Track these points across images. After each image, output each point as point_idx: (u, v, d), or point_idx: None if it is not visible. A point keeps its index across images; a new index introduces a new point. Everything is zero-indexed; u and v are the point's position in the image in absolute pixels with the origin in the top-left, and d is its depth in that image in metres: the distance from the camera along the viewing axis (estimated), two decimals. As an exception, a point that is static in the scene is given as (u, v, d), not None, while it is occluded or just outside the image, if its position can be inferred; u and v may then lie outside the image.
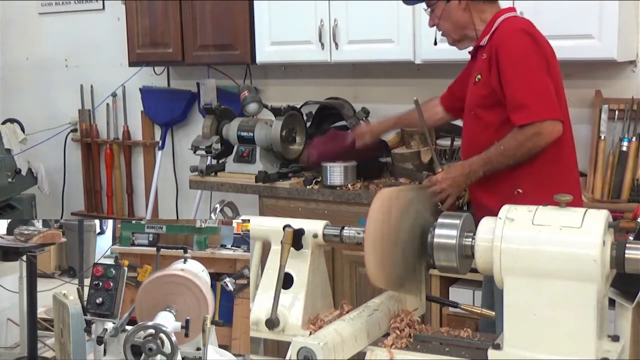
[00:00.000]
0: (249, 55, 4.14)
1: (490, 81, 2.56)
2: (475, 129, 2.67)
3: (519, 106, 2.49)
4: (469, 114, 2.71)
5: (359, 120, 3.88)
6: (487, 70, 2.57)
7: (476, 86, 2.63)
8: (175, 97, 4.87)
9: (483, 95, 2.60)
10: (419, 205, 1.85)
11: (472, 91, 2.67)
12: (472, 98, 2.67)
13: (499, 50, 2.53)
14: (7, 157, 4.66)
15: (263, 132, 3.84)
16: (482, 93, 2.60)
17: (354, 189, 3.57)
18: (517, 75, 2.51)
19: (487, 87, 2.58)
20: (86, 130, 5.31)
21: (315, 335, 1.63)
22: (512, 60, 2.53)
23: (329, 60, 3.83)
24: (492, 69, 2.55)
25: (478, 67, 2.64)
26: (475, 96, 2.65)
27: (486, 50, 2.60)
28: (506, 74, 2.51)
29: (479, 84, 2.62)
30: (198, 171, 3.98)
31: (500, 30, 2.60)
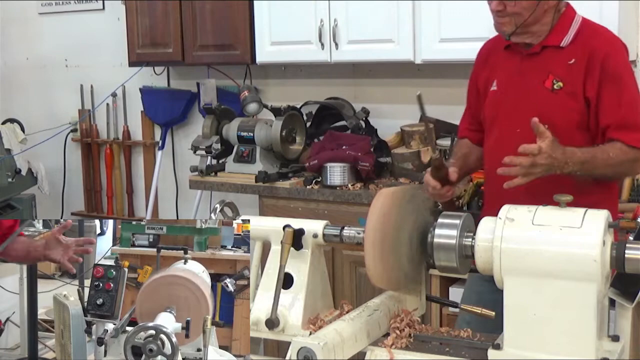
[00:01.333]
0: (249, 55, 4.14)
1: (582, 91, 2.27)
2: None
3: (634, 126, 2.24)
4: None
5: (358, 120, 3.88)
6: (577, 79, 2.27)
7: (556, 95, 2.29)
8: (175, 97, 4.87)
9: (570, 108, 2.28)
10: (419, 205, 1.85)
11: (545, 100, 2.30)
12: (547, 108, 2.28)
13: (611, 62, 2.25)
14: (7, 157, 4.66)
15: (263, 132, 3.84)
16: (570, 105, 2.28)
17: (354, 189, 3.57)
18: (633, 97, 2.28)
19: (577, 99, 2.27)
20: (86, 130, 5.31)
21: (315, 335, 1.63)
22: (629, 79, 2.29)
23: (329, 60, 3.83)
24: (588, 79, 2.26)
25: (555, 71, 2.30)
26: (555, 107, 2.29)
27: (571, 53, 2.30)
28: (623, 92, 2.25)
29: (560, 92, 2.29)
30: (198, 171, 3.98)
31: (596, 35, 2.32)
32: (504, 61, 2.44)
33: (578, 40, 2.31)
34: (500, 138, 2.39)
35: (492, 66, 2.48)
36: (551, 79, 2.30)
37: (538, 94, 2.31)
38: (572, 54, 2.30)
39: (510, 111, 2.36)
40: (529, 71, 2.35)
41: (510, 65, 2.40)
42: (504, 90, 2.41)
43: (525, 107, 2.31)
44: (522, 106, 2.33)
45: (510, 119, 2.35)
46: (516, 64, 2.39)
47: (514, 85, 2.38)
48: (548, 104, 2.29)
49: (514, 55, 2.40)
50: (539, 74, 2.32)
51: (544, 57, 2.34)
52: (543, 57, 2.34)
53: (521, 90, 2.35)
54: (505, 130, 2.37)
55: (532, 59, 2.35)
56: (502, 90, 2.41)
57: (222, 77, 4.58)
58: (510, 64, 2.40)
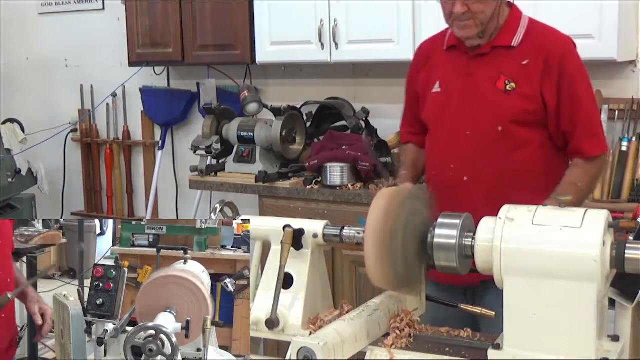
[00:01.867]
0: (249, 55, 4.14)
1: (539, 94, 2.22)
2: (501, 147, 2.25)
3: (592, 134, 2.23)
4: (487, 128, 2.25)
5: (358, 120, 3.88)
6: (532, 80, 2.22)
7: (509, 96, 2.23)
8: (175, 97, 4.87)
9: (524, 110, 2.22)
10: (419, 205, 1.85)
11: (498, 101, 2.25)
12: (501, 110, 2.24)
13: (567, 64, 2.22)
14: (7, 157, 4.66)
15: (263, 132, 3.84)
16: (523, 106, 2.22)
17: (354, 189, 3.57)
18: (590, 99, 2.26)
19: (533, 101, 2.22)
20: (86, 130, 5.31)
21: (315, 335, 1.63)
22: (585, 81, 2.26)
23: (329, 60, 3.83)
24: (546, 81, 2.21)
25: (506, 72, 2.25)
26: (509, 109, 2.23)
27: (523, 54, 2.25)
28: (580, 97, 2.22)
29: (513, 93, 2.23)
30: (198, 171, 3.98)
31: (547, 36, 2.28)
32: (447, 62, 2.36)
33: (529, 40, 2.26)
34: (448, 141, 2.33)
35: (432, 67, 2.41)
36: (503, 80, 2.24)
37: (489, 95, 2.25)
38: (524, 54, 2.24)
39: (458, 113, 2.30)
40: (478, 72, 2.28)
41: (455, 66, 2.33)
42: (449, 92, 2.33)
43: (475, 109, 2.26)
44: (471, 108, 2.27)
45: (459, 121, 2.29)
46: (462, 64, 2.31)
47: (461, 87, 2.30)
48: (501, 105, 2.23)
49: (458, 56, 2.33)
50: (489, 74, 2.26)
51: (493, 57, 2.27)
52: (493, 57, 2.27)
53: (470, 91, 2.28)
54: (454, 132, 2.31)
55: (481, 60, 2.28)
56: (447, 91, 2.34)
57: (222, 77, 4.58)
58: (455, 65, 2.33)
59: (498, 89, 2.24)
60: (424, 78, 2.41)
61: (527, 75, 2.22)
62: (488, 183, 2.21)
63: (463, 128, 2.28)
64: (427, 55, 2.45)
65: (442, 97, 2.34)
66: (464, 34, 2.26)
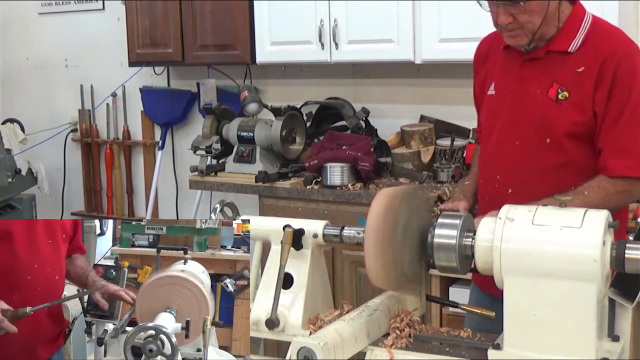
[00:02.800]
0: (249, 55, 4.14)
1: (591, 104, 2.04)
2: (549, 160, 2.09)
3: (622, 152, 2.03)
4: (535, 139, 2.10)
5: (358, 120, 3.88)
6: (585, 89, 2.04)
7: (560, 106, 2.07)
8: (175, 97, 4.87)
9: (575, 122, 2.05)
10: (419, 205, 1.85)
11: (548, 111, 2.08)
12: (551, 121, 2.08)
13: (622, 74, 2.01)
14: (7, 157, 4.66)
15: (263, 132, 3.84)
16: (574, 118, 2.05)
17: (354, 189, 3.57)
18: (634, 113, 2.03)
19: (584, 112, 2.04)
20: (86, 130, 5.31)
21: (315, 335, 1.63)
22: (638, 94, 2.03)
23: (329, 60, 3.83)
24: (598, 90, 2.03)
25: (560, 80, 2.08)
26: (560, 120, 2.06)
27: (580, 60, 2.06)
28: (628, 109, 2.02)
29: (565, 103, 2.06)
30: (198, 171, 3.98)
31: (609, 39, 2.08)
32: (502, 62, 2.23)
33: (588, 45, 2.07)
34: (497, 150, 2.20)
35: (490, 66, 2.28)
36: (556, 88, 2.07)
37: (540, 103, 2.09)
38: (580, 60, 2.06)
39: (508, 121, 2.17)
40: (530, 77, 2.13)
41: (510, 69, 2.18)
42: (502, 97, 2.20)
43: (524, 118, 2.13)
44: (520, 116, 2.14)
45: (508, 130, 2.16)
46: (516, 67, 2.16)
47: (513, 92, 2.16)
48: (550, 115, 2.08)
49: (513, 57, 2.17)
50: (541, 81, 2.10)
51: (548, 62, 2.10)
52: (547, 62, 2.10)
53: (520, 98, 2.14)
54: (503, 141, 2.18)
55: (534, 64, 2.13)
56: (500, 95, 2.20)
57: (222, 77, 4.58)
58: (509, 67, 2.18)
59: (550, 98, 2.07)
60: (482, 78, 2.29)
61: (581, 84, 2.04)
62: (533, 197, 1.97)
63: (512, 137, 2.14)
64: (486, 53, 2.30)
65: (496, 101, 2.21)
66: (513, 43, 2.12)
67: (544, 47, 2.11)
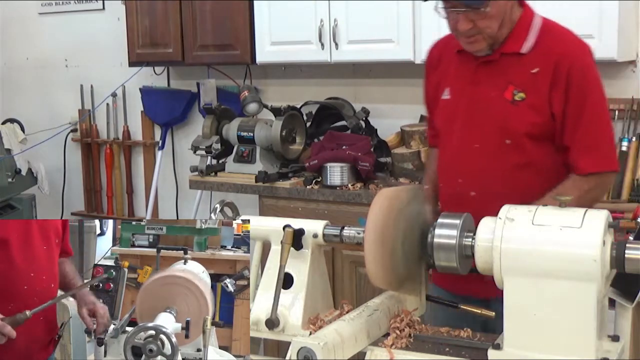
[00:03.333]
0: (249, 55, 4.14)
1: (548, 105, 2.05)
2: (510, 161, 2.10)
3: (592, 149, 2.06)
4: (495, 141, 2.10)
5: (358, 120, 3.88)
6: (541, 90, 2.05)
7: (517, 107, 2.07)
8: (175, 97, 4.87)
9: (533, 122, 2.06)
10: (419, 205, 1.85)
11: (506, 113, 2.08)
12: (509, 123, 2.08)
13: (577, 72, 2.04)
14: (7, 157, 4.66)
15: (263, 132, 3.84)
16: (532, 118, 2.06)
17: (354, 189, 3.57)
18: (598, 110, 2.07)
19: (542, 112, 2.06)
20: (86, 130, 5.31)
21: (315, 335, 1.63)
22: (595, 91, 2.07)
23: (329, 60, 3.83)
24: (554, 90, 2.04)
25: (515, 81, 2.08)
26: (518, 121, 2.07)
27: (533, 61, 2.07)
28: (587, 107, 2.04)
29: (521, 104, 2.06)
30: (198, 171, 3.98)
31: (560, 40, 2.11)
32: (456, 67, 2.21)
33: (541, 46, 2.08)
34: (457, 154, 2.19)
35: (443, 71, 2.25)
36: (511, 90, 2.07)
37: (497, 105, 2.09)
38: (534, 61, 2.07)
39: (467, 124, 2.15)
40: (485, 80, 2.12)
41: (464, 73, 2.17)
42: (457, 101, 2.18)
43: (482, 121, 2.12)
44: (478, 119, 2.12)
45: (467, 134, 2.15)
46: (470, 71, 2.15)
47: (469, 96, 2.15)
48: (508, 116, 2.07)
49: (467, 61, 2.16)
50: (497, 83, 2.10)
51: (502, 65, 2.10)
52: (501, 65, 2.10)
53: (477, 101, 2.13)
54: (463, 145, 2.16)
55: (489, 67, 2.12)
56: (455, 100, 2.19)
57: (222, 77, 4.58)
58: (464, 71, 2.17)
59: (506, 100, 2.08)
60: (436, 82, 2.27)
61: (536, 85, 2.06)
62: (496, 199, 1.94)
63: (472, 140, 2.14)
64: (439, 57, 2.29)
65: (452, 106, 2.20)
66: (472, 49, 2.11)
67: (497, 50, 2.11)
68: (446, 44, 2.28)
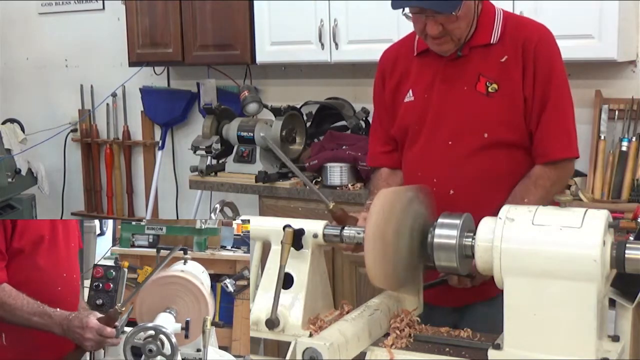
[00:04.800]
0: (249, 55, 4.14)
1: (521, 91, 2.05)
2: (489, 154, 2.10)
3: (558, 134, 2.06)
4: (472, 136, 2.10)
5: (358, 120, 3.88)
6: (514, 77, 2.06)
7: (492, 99, 2.07)
8: (175, 97, 4.87)
9: (510, 111, 2.06)
10: (419, 205, 1.84)
11: (481, 106, 2.08)
12: (486, 115, 2.08)
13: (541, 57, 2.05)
14: (7, 157, 4.66)
15: (263, 132, 3.84)
16: (509, 107, 2.06)
17: (354, 189, 3.57)
18: (562, 94, 2.08)
19: (517, 100, 2.06)
20: (86, 130, 5.31)
21: (320, 336, 1.63)
22: (560, 75, 2.08)
23: (329, 60, 3.83)
24: (525, 76, 2.05)
25: (486, 73, 2.08)
26: (494, 113, 2.07)
27: (501, 51, 2.08)
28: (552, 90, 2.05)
29: (496, 95, 2.06)
30: (198, 171, 3.98)
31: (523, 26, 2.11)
32: (419, 68, 2.19)
33: (506, 35, 2.08)
34: (428, 153, 2.16)
35: (401, 75, 2.23)
36: (484, 82, 2.07)
37: (471, 100, 2.08)
38: (502, 50, 2.07)
39: (437, 122, 2.13)
40: (455, 77, 2.11)
41: (430, 72, 2.15)
42: (424, 100, 2.15)
43: (456, 117, 2.10)
44: (452, 116, 2.11)
45: (439, 131, 2.13)
46: (438, 70, 2.14)
47: (439, 94, 2.13)
48: (484, 109, 2.07)
49: (432, 60, 2.15)
50: (467, 78, 2.09)
51: (470, 59, 2.10)
52: (470, 59, 2.10)
53: (449, 98, 2.12)
54: (434, 143, 2.14)
55: (458, 63, 2.11)
56: (422, 100, 2.16)
57: (222, 77, 4.58)
58: (429, 71, 2.15)
59: (480, 92, 2.07)
60: (393, 88, 2.23)
61: (508, 73, 2.06)
62: (476, 194, 2.05)
63: (444, 138, 2.12)
64: (393, 63, 2.26)
65: (417, 107, 2.16)
66: (440, 50, 2.10)
67: (465, 45, 2.10)
68: (399, 48, 2.29)
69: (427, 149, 2.16)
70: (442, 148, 2.12)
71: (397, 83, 2.23)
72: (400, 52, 2.26)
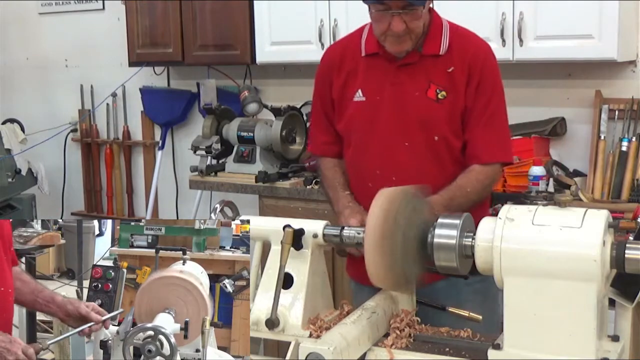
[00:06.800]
0: (249, 55, 4.14)
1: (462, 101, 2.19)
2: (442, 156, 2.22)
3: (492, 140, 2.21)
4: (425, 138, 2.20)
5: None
6: (459, 88, 2.18)
7: (441, 105, 2.18)
8: (175, 97, 4.87)
9: (457, 118, 2.20)
10: (419, 204, 1.84)
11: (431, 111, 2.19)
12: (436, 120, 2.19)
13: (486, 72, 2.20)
14: (7, 157, 4.66)
15: (263, 132, 3.84)
16: (455, 114, 2.20)
17: (354, 189, 3.57)
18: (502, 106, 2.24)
19: (460, 109, 2.19)
20: (86, 130, 5.31)
21: (323, 340, 1.63)
22: (501, 89, 2.25)
23: (328, 60, 3.83)
24: (469, 87, 2.18)
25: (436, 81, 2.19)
26: (443, 118, 2.19)
27: (448, 61, 2.20)
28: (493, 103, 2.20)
29: (445, 102, 2.18)
30: (198, 171, 3.98)
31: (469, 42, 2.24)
32: (369, 69, 2.26)
33: (453, 47, 2.21)
34: (384, 153, 2.24)
35: (349, 74, 2.28)
36: (434, 89, 2.19)
37: (421, 104, 2.19)
38: (449, 62, 2.19)
39: (391, 124, 2.22)
40: (407, 81, 2.21)
41: (381, 75, 2.23)
42: (376, 102, 2.23)
43: (408, 119, 2.20)
44: (404, 118, 2.20)
45: (395, 132, 2.22)
46: (389, 73, 2.22)
47: (390, 96, 2.21)
48: (434, 114, 2.18)
49: (383, 63, 2.23)
50: (418, 84, 2.20)
51: (422, 66, 2.20)
52: (421, 66, 2.20)
53: (401, 101, 2.21)
54: (389, 144, 2.22)
55: (410, 69, 2.20)
56: (374, 101, 2.23)
57: (222, 77, 4.58)
58: (380, 73, 2.23)
59: (430, 98, 2.18)
60: (340, 85, 2.29)
61: (454, 83, 2.18)
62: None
63: (400, 139, 2.21)
64: (340, 61, 2.31)
65: (369, 107, 2.24)
66: (398, 49, 2.18)
67: (416, 52, 2.20)
68: (345, 47, 2.35)
69: (383, 149, 2.24)
70: (398, 148, 2.22)
71: (345, 81, 2.29)
72: (347, 51, 2.32)
